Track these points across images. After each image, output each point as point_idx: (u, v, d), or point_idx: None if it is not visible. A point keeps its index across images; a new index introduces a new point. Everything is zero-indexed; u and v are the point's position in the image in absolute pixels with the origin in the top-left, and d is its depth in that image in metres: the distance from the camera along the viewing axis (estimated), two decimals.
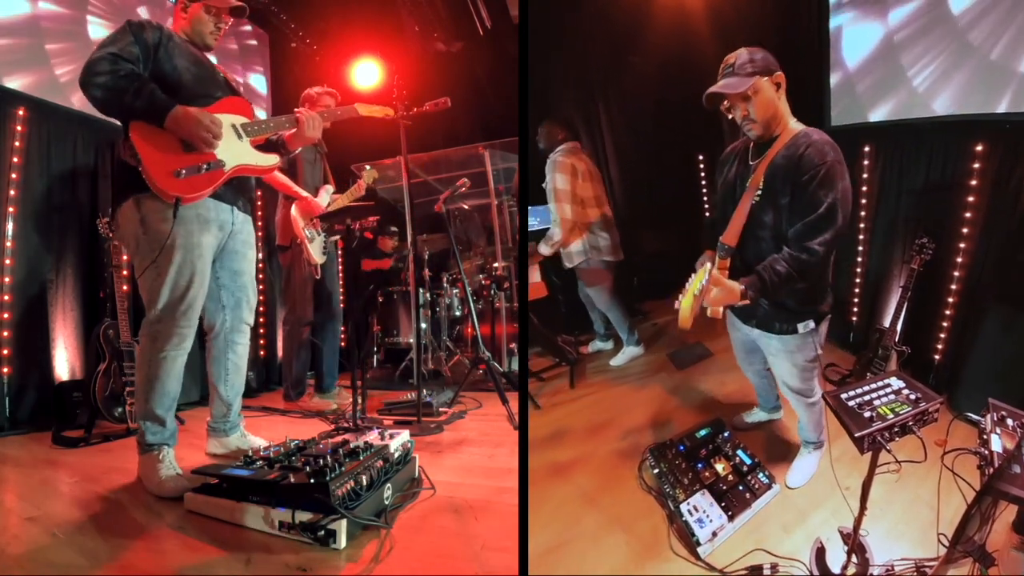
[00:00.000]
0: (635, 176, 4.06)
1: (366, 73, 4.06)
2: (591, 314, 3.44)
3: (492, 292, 4.29)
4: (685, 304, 1.57)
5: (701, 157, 4.20)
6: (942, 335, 2.66)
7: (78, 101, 3.01)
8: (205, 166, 1.79)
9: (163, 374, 1.86)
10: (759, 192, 1.72)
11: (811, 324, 1.80)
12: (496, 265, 4.42)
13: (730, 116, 1.75)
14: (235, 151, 1.89)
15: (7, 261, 2.69)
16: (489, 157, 4.60)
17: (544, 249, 3.09)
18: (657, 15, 3.44)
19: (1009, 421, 1.37)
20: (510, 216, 4.83)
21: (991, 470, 1.24)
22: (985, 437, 1.33)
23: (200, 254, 1.85)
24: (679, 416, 2.61)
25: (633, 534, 1.89)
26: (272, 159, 2.02)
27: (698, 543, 1.76)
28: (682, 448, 2.10)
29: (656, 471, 2.04)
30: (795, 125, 1.73)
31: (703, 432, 2.17)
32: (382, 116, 2.61)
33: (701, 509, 1.86)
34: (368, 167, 3.21)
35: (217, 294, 2.05)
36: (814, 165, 1.59)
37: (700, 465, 2.03)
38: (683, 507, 1.86)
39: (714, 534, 1.79)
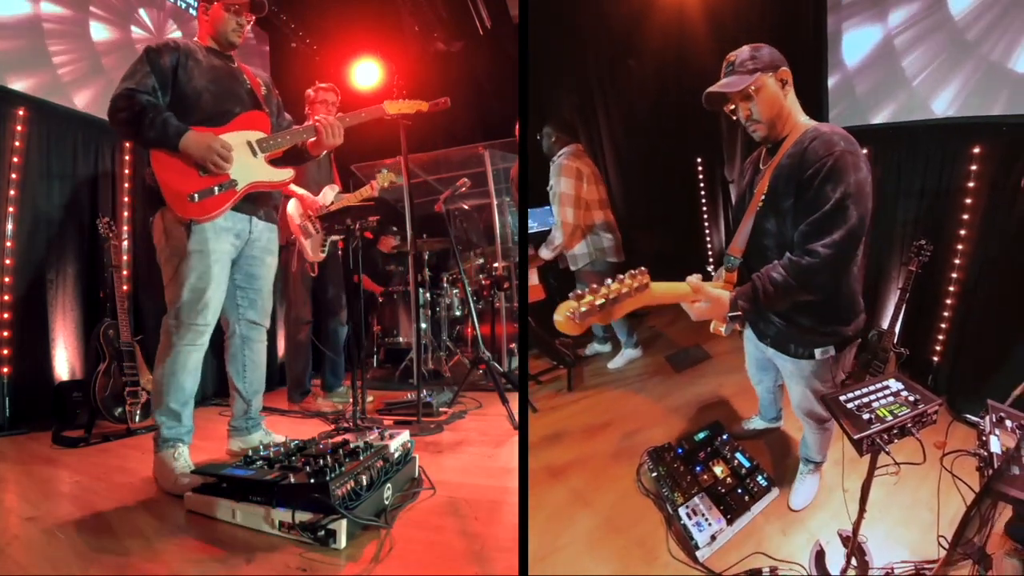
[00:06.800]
0: (633, 178, 4.08)
1: (366, 73, 4.07)
2: None
3: (492, 292, 4.29)
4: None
5: (699, 160, 4.22)
6: (940, 337, 2.66)
7: (79, 101, 3.01)
8: (217, 188, 1.89)
9: (179, 368, 1.93)
10: (764, 197, 1.57)
11: (831, 351, 1.63)
12: (496, 265, 4.41)
13: (734, 118, 1.63)
14: (248, 169, 1.96)
15: (7, 261, 2.69)
16: (489, 157, 4.59)
17: (545, 253, 3.10)
18: (655, 18, 3.47)
19: (1008, 422, 1.36)
20: (511, 216, 4.83)
21: (990, 472, 1.23)
22: (984, 439, 1.32)
23: (216, 259, 1.93)
24: (677, 419, 2.61)
25: (630, 537, 1.88)
26: (286, 173, 2.07)
27: (696, 546, 1.76)
28: (680, 451, 2.10)
29: (654, 474, 2.04)
30: (804, 121, 1.58)
31: (701, 435, 2.17)
32: (414, 112, 2.46)
33: (699, 512, 1.85)
34: (384, 170, 3.19)
35: (234, 295, 2.14)
36: (819, 158, 1.41)
37: (698, 468, 2.02)
38: (681, 510, 1.85)
39: (712, 537, 1.78)
